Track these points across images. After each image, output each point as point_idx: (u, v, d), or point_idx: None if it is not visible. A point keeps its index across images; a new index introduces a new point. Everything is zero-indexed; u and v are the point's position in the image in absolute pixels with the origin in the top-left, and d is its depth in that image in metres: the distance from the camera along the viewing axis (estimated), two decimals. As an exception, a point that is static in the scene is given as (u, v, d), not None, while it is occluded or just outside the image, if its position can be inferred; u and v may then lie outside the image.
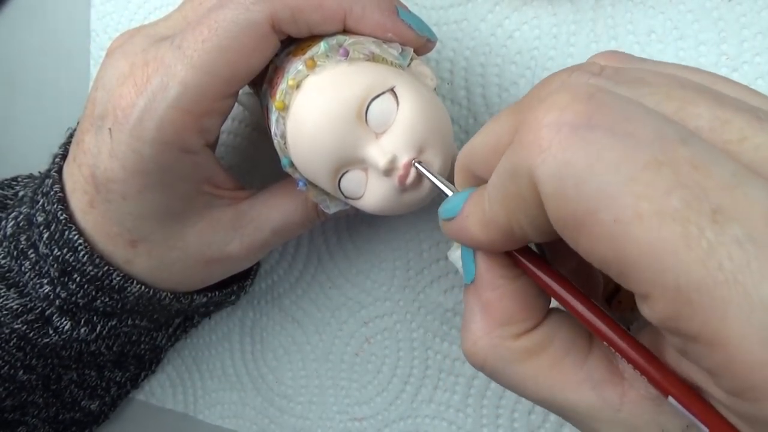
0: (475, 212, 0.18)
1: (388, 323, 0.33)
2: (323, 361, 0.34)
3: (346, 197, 0.25)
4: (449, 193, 0.21)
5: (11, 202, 0.31)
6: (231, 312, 0.36)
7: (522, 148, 0.15)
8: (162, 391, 0.38)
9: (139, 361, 0.36)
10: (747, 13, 0.27)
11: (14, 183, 0.34)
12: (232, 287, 0.32)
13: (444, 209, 0.20)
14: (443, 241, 0.32)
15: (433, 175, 0.22)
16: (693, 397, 0.15)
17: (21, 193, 0.31)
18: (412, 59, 0.25)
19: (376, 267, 0.33)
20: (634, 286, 0.14)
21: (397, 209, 0.25)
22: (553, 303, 0.20)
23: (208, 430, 0.37)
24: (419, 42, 0.25)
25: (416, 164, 0.23)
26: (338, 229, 0.34)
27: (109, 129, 0.25)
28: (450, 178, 0.22)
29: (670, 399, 0.15)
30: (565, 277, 0.18)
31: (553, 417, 0.30)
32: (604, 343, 0.17)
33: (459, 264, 0.26)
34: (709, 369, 0.13)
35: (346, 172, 0.24)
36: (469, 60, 0.31)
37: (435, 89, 0.26)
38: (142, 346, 0.34)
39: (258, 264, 0.35)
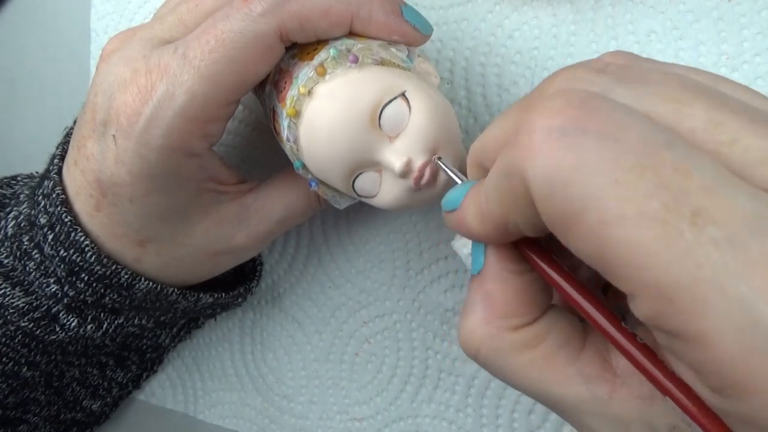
0: (472, 205, 0.18)
1: (388, 323, 0.33)
2: (323, 361, 0.34)
3: (359, 196, 0.25)
4: (457, 180, 0.22)
5: (10, 201, 0.31)
6: (231, 312, 0.36)
7: (516, 149, 0.16)
8: (162, 391, 0.38)
9: (141, 360, 0.36)
10: (747, 13, 0.27)
11: (13, 182, 0.34)
12: (238, 289, 0.33)
13: (446, 201, 0.20)
14: (443, 241, 0.32)
15: (450, 170, 0.23)
16: (691, 397, 0.15)
17: (19, 192, 0.31)
18: (415, 58, 0.26)
19: (376, 267, 0.33)
20: (620, 284, 0.14)
21: (411, 206, 0.25)
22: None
23: (208, 430, 0.37)
24: (423, 41, 0.26)
25: (438, 161, 0.24)
26: (338, 229, 0.34)
27: (113, 135, 0.25)
28: (463, 173, 0.23)
29: (668, 399, 0.15)
30: (570, 273, 0.18)
31: (553, 417, 0.30)
32: (606, 340, 0.17)
33: (463, 251, 0.26)
34: (694, 366, 0.14)
35: (361, 173, 0.25)
36: (469, 60, 0.31)
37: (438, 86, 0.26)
38: (145, 341, 0.34)
39: (262, 264, 0.35)
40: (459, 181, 0.23)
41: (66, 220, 0.26)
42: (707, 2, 0.28)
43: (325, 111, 0.23)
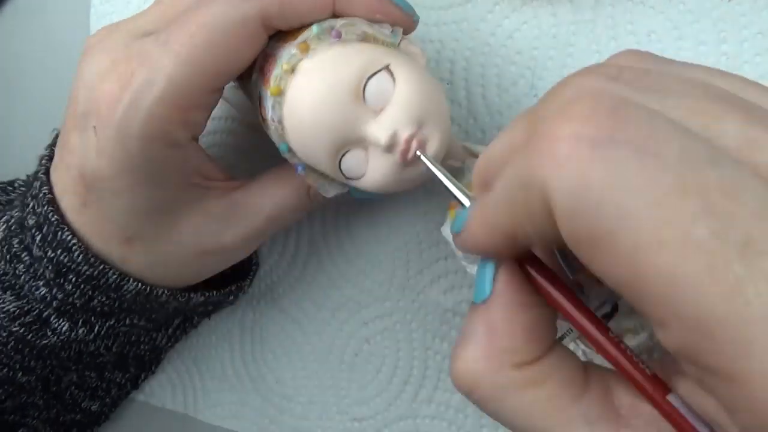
0: (478, 217, 0.17)
1: (388, 323, 0.33)
2: (323, 361, 0.34)
3: (347, 178, 0.25)
4: (463, 199, 0.20)
5: (5, 207, 0.31)
6: (231, 312, 0.36)
7: (536, 158, 0.14)
8: (162, 392, 0.38)
9: (140, 362, 0.36)
10: (747, 13, 0.27)
11: (10, 188, 0.33)
12: (230, 287, 0.32)
13: (454, 223, 0.19)
14: (443, 241, 0.32)
15: (433, 164, 0.22)
16: None
17: (14, 199, 0.31)
18: (401, 39, 0.25)
19: (375, 267, 0.33)
20: (650, 311, 0.13)
21: (399, 185, 0.25)
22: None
23: (208, 431, 0.37)
24: (407, 21, 0.25)
25: (422, 156, 0.23)
26: (338, 230, 0.34)
27: (94, 127, 0.24)
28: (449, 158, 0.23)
29: None
30: (578, 298, 0.17)
31: (553, 417, 0.30)
32: (615, 375, 0.17)
33: (451, 239, 0.26)
34: (726, 404, 0.13)
35: (347, 152, 0.24)
36: (469, 60, 0.31)
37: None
38: (142, 347, 0.34)
39: (257, 265, 0.35)
40: (441, 178, 0.22)
41: (53, 219, 0.26)
42: (707, 2, 0.28)
43: (309, 86, 0.23)
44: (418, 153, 0.23)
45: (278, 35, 0.25)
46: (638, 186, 0.13)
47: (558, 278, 0.18)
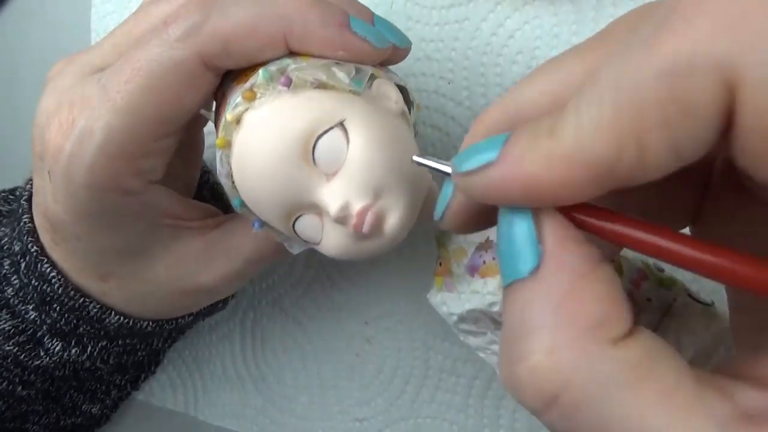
0: (535, 148, 0.13)
1: (389, 323, 0.33)
2: (324, 361, 0.34)
3: (304, 241, 0.22)
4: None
5: (4, 220, 0.31)
6: (231, 312, 0.36)
7: (699, 27, 0.11)
8: (162, 392, 0.38)
9: (139, 366, 0.35)
10: (749, 13, 0.27)
11: (11, 197, 0.32)
12: (218, 302, 0.31)
13: (467, 155, 0.14)
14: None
15: (436, 162, 0.17)
16: None
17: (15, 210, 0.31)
18: (373, 78, 0.22)
19: (376, 267, 0.33)
20: None
21: (359, 256, 0.22)
22: None
23: (209, 430, 0.37)
24: (378, 56, 0.22)
25: (414, 158, 0.18)
26: (339, 230, 0.34)
27: (48, 172, 0.23)
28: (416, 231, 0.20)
29: None
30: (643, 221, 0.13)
31: (554, 417, 0.30)
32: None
33: (443, 309, 0.24)
34: None
35: (300, 216, 0.21)
36: (471, 59, 0.31)
37: (412, 112, 0.23)
38: (140, 354, 0.34)
39: None
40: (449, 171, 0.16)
41: (32, 250, 0.25)
42: (709, 2, 0.27)
43: (253, 143, 0.20)
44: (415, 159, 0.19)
45: (235, 73, 0.23)
46: None
47: (620, 213, 0.13)
